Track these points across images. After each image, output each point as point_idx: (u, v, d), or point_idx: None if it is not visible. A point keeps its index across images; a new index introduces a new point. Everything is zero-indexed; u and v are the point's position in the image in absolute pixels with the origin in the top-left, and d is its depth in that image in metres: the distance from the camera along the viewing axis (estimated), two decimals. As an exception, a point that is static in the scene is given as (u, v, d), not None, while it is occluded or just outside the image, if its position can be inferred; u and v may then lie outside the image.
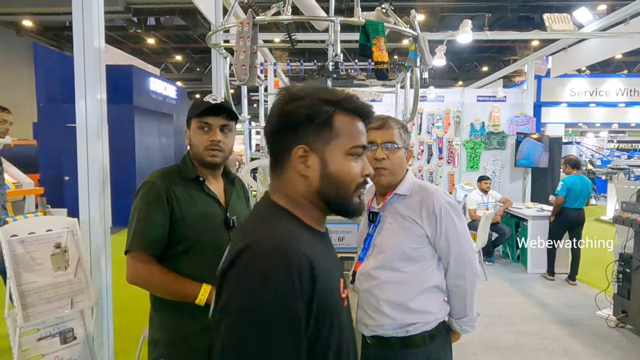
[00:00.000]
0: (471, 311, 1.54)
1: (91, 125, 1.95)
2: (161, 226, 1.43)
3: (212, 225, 1.51)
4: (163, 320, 1.50)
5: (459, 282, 1.50)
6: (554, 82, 9.31)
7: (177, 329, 1.47)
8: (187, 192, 1.50)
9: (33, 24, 12.37)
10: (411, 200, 1.50)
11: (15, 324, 1.63)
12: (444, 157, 7.25)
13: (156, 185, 1.45)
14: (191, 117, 1.53)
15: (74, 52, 2.03)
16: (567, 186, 5.29)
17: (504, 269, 6.00)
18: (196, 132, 1.51)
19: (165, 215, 1.43)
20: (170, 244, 1.45)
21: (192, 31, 12.77)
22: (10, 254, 1.63)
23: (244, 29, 2.00)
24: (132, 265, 1.43)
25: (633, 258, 3.85)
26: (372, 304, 1.48)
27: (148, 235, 1.41)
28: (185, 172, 1.53)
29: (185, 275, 1.44)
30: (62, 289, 1.76)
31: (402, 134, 1.54)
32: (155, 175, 1.50)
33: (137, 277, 1.43)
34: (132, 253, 1.42)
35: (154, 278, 1.42)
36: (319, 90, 0.91)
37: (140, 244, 1.41)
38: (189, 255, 1.47)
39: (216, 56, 3.96)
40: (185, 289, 1.41)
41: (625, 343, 3.71)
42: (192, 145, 1.54)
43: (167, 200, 1.44)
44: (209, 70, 16.18)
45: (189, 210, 1.47)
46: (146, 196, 1.45)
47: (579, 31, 5.28)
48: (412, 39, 2.34)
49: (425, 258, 1.47)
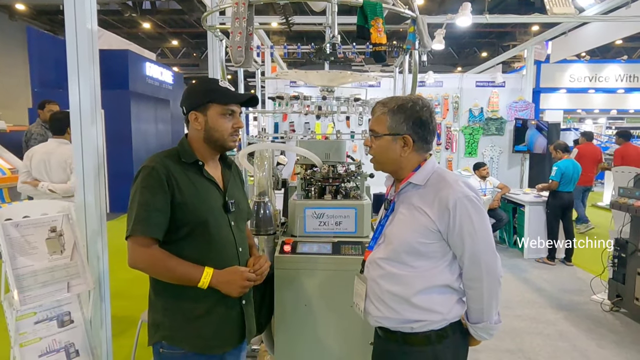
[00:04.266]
0: (489, 317, 1.39)
1: (85, 109, 1.92)
2: (163, 211, 1.41)
3: (212, 209, 1.51)
4: (165, 304, 1.50)
5: (474, 284, 1.37)
6: (553, 67, 9.25)
7: (180, 313, 1.48)
8: (187, 176, 1.48)
9: (26, 7, 12.18)
10: (426, 191, 1.38)
11: (11, 307, 1.63)
12: (442, 143, 7.23)
13: (156, 170, 1.43)
14: (210, 101, 1.50)
15: (66, 35, 1.99)
16: (561, 171, 5.39)
17: (501, 254, 5.90)
18: (219, 118, 1.50)
19: (167, 199, 1.42)
20: (171, 228, 1.44)
21: (188, 15, 12.61)
22: (5, 238, 1.62)
23: (239, 9, 1.96)
24: (134, 249, 1.40)
25: (629, 243, 3.88)
26: (377, 294, 1.43)
27: (150, 219, 1.39)
28: (185, 156, 1.51)
29: (187, 259, 1.44)
30: (58, 273, 1.75)
31: (389, 119, 1.38)
32: (154, 160, 1.47)
33: (139, 262, 1.41)
34: (134, 237, 1.40)
35: (156, 262, 1.41)
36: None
37: (142, 229, 1.39)
38: (191, 239, 1.47)
39: (212, 39, 3.91)
40: (188, 273, 1.41)
41: (620, 327, 3.76)
42: (211, 130, 1.51)
43: (168, 185, 1.42)
44: (205, 56, 16.00)
45: (189, 195, 1.46)
46: (146, 180, 1.42)
47: (580, 15, 5.22)
48: (410, 20, 2.31)
49: (437, 255, 1.37)
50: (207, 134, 1.52)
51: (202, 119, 1.51)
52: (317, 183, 2.29)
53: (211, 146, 1.55)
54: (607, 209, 8.50)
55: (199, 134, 1.53)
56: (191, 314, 1.48)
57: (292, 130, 7.02)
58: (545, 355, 3.26)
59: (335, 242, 2.14)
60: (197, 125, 1.52)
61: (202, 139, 1.53)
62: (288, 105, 2.72)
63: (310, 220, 2.19)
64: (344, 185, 2.31)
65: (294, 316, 2.12)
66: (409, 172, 1.42)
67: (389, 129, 1.39)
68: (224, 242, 1.53)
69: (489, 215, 6.08)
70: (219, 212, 1.53)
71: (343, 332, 2.12)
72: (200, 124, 1.51)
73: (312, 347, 2.14)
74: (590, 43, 6.54)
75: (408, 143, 1.39)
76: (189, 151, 1.53)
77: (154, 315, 1.53)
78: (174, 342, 1.48)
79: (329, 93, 2.69)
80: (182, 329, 1.48)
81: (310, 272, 2.10)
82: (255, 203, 2.20)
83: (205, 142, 1.54)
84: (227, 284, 1.46)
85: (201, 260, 1.45)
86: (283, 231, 2.33)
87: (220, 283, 1.45)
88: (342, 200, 2.23)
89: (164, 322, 1.49)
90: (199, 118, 1.51)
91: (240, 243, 1.59)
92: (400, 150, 1.40)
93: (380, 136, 1.41)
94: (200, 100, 1.51)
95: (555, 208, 5.51)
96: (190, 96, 1.55)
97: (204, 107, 1.51)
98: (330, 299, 2.10)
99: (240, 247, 1.58)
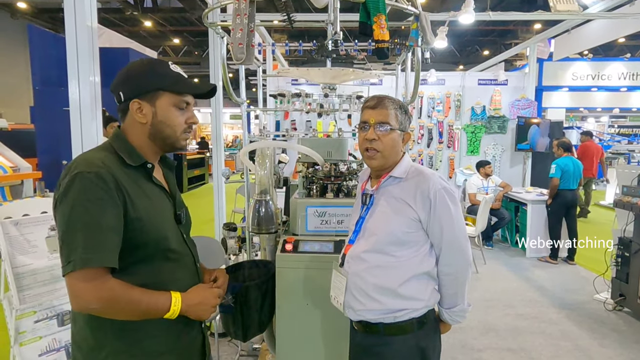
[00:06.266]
0: (462, 301, 1.51)
1: (85, 106, 1.91)
2: (116, 230, 1.10)
3: (167, 222, 1.26)
4: (116, 350, 1.17)
5: (450, 269, 1.46)
6: (555, 65, 9.20)
7: (138, 355, 1.19)
8: (136, 184, 1.19)
9: (27, 5, 12.17)
10: (406, 184, 1.46)
11: (11, 306, 1.61)
12: (444, 141, 7.20)
13: (101, 177, 1.09)
14: (161, 89, 1.22)
15: (66, 32, 1.98)
16: (560, 168, 5.37)
17: (503, 253, 6.02)
18: (172, 110, 1.24)
19: (119, 214, 1.11)
20: (123, 251, 1.12)
21: (189, 13, 12.57)
22: (5, 236, 1.61)
23: (240, 5, 1.94)
24: (84, 286, 1.06)
25: (632, 242, 3.85)
26: (361, 288, 1.45)
27: (103, 244, 1.07)
28: (130, 158, 1.21)
29: (145, 287, 1.16)
30: (58, 272, 1.74)
31: (399, 115, 1.47)
32: (92, 163, 1.12)
33: (95, 301, 1.06)
34: (83, 271, 1.05)
35: (117, 298, 1.09)
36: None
37: (98, 257, 1.06)
38: (150, 262, 1.19)
39: (213, 37, 3.89)
40: (155, 304, 1.15)
41: (623, 326, 3.74)
42: (160, 124, 1.24)
43: (118, 196, 1.11)
44: (206, 54, 15.98)
45: (144, 207, 1.17)
46: (89, 192, 1.07)
47: (584, 12, 5.18)
48: (413, 17, 2.28)
49: (418, 243, 1.44)
50: (154, 129, 1.24)
51: (149, 109, 1.22)
52: (319, 181, 2.28)
53: (158, 144, 1.27)
54: (610, 207, 8.48)
55: (143, 128, 1.24)
56: (153, 353, 1.21)
57: (293, 128, 7.01)
58: (548, 355, 3.24)
59: (337, 241, 2.13)
60: (142, 118, 1.22)
61: (147, 135, 1.25)
62: (290, 103, 2.70)
63: (312, 218, 2.18)
64: (345, 183, 2.29)
65: (296, 315, 2.11)
66: (394, 166, 1.51)
67: (399, 124, 1.48)
68: (184, 259, 1.30)
69: (491, 214, 6.09)
70: (172, 225, 1.28)
71: (344, 331, 2.10)
72: (146, 115, 1.22)
73: (313, 346, 2.13)
74: (593, 41, 6.49)
75: (406, 140, 1.52)
76: (133, 151, 1.23)
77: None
78: None
79: (331, 91, 2.68)
80: None
81: (311, 271, 2.08)
82: (257, 201, 2.18)
83: (150, 138, 1.25)
84: (198, 306, 1.24)
85: (163, 286, 1.19)
86: (284, 230, 2.32)
87: (190, 307, 1.22)
88: (344, 199, 2.22)
89: None
90: (145, 109, 1.22)
91: (196, 257, 1.37)
92: (401, 146, 1.51)
93: (395, 130, 1.46)
94: (148, 86, 1.21)
95: (558, 207, 5.47)
96: (132, 80, 1.22)
97: (152, 95, 1.22)
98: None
99: (197, 262, 1.37)
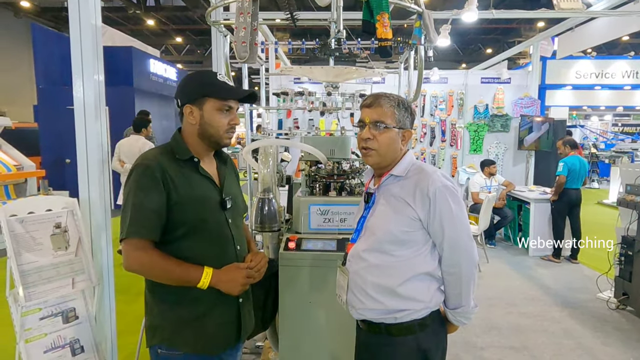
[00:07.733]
0: (467, 302, 1.45)
1: (89, 104, 1.92)
2: (158, 211, 1.35)
3: (209, 207, 1.46)
4: (162, 307, 1.45)
5: (453, 269, 1.41)
6: (559, 64, 9.15)
7: (178, 315, 1.44)
8: (182, 174, 1.43)
9: (31, 4, 12.20)
10: (406, 182, 1.43)
11: (16, 303, 1.63)
12: (447, 139, 7.19)
13: (150, 168, 1.36)
14: (207, 95, 1.44)
15: (70, 31, 1.99)
16: (567, 166, 5.34)
17: (506, 252, 6.01)
18: (216, 114, 1.45)
19: (162, 199, 1.36)
20: (168, 228, 1.39)
21: (192, 12, 12.59)
22: (10, 234, 1.62)
23: (244, 4, 1.94)
24: (129, 252, 1.35)
25: (636, 240, 3.84)
26: (360, 287, 1.45)
27: (145, 221, 1.34)
28: (179, 153, 1.45)
29: (185, 259, 1.39)
30: (63, 269, 1.75)
31: (397, 113, 1.43)
32: (147, 157, 1.41)
33: (135, 265, 1.36)
34: (129, 240, 1.34)
35: (153, 264, 1.36)
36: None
37: (137, 231, 1.33)
38: (188, 238, 1.42)
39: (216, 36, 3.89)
40: (187, 274, 1.37)
41: (626, 325, 3.73)
42: (206, 125, 1.45)
43: (163, 184, 1.36)
44: (209, 53, 15.99)
45: (185, 193, 1.40)
46: (140, 180, 1.36)
47: (588, 10, 5.16)
48: (416, 16, 2.28)
49: (418, 243, 1.41)
50: (201, 129, 1.46)
51: (198, 113, 1.45)
52: (322, 179, 2.28)
53: (205, 142, 1.49)
54: (613, 206, 8.45)
55: (193, 128, 1.47)
56: (189, 316, 1.43)
57: (296, 126, 7.01)
58: (550, 353, 3.24)
59: (340, 239, 2.13)
60: (192, 120, 1.46)
61: (197, 134, 1.47)
62: (292, 102, 2.71)
63: (315, 216, 2.18)
64: (348, 181, 2.30)
65: (299, 313, 2.12)
66: (395, 165, 1.47)
67: (397, 123, 1.44)
68: (222, 240, 1.49)
69: (494, 212, 6.07)
70: (216, 209, 1.48)
71: (347, 329, 2.11)
72: (195, 118, 1.45)
73: (316, 344, 2.14)
74: (597, 39, 6.46)
75: (407, 137, 1.47)
76: (184, 147, 1.47)
77: (151, 318, 1.49)
78: (172, 345, 1.44)
79: (333, 89, 2.68)
80: (180, 331, 1.44)
81: (314, 269, 2.09)
82: (260, 199, 2.19)
83: (199, 137, 1.48)
84: (228, 282, 1.42)
85: (199, 260, 1.41)
86: (287, 228, 2.32)
87: (221, 282, 1.41)
88: (346, 197, 2.22)
89: (161, 325, 1.45)
90: (194, 112, 1.45)
91: (238, 240, 1.55)
92: (400, 144, 1.47)
93: (390, 128, 1.43)
94: (197, 94, 1.45)
95: (563, 205, 5.45)
96: (186, 88, 1.48)
97: (200, 101, 1.44)
98: (335, 295, 2.09)
99: (238, 244, 1.54)
